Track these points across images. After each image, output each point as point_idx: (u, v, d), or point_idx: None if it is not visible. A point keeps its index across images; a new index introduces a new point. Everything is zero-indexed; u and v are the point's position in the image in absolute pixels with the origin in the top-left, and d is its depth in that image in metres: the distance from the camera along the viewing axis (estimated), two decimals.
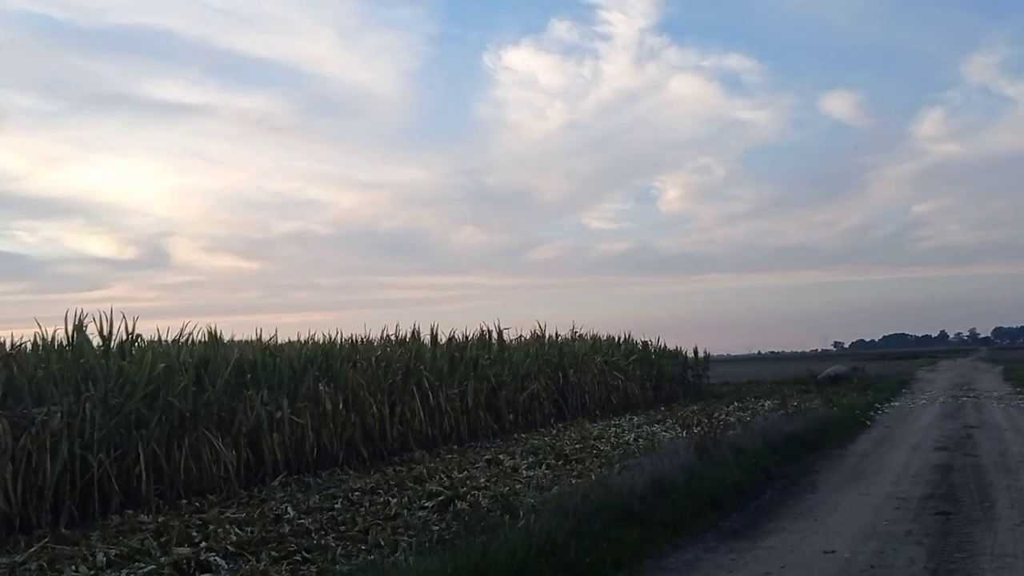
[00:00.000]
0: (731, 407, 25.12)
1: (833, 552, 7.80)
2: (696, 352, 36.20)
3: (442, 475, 12.86)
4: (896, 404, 26.40)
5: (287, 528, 9.08)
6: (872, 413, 22.46)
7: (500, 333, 22.38)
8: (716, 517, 9.58)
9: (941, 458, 13.90)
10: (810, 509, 10.07)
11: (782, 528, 9.03)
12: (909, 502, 10.24)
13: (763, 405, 25.25)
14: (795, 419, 17.72)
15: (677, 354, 34.83)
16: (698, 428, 16.11)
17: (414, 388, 17.30)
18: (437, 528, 8.73)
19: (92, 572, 7.36)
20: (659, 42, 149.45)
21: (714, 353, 41.37)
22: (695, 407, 26.33)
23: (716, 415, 19.10)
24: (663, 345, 33.80)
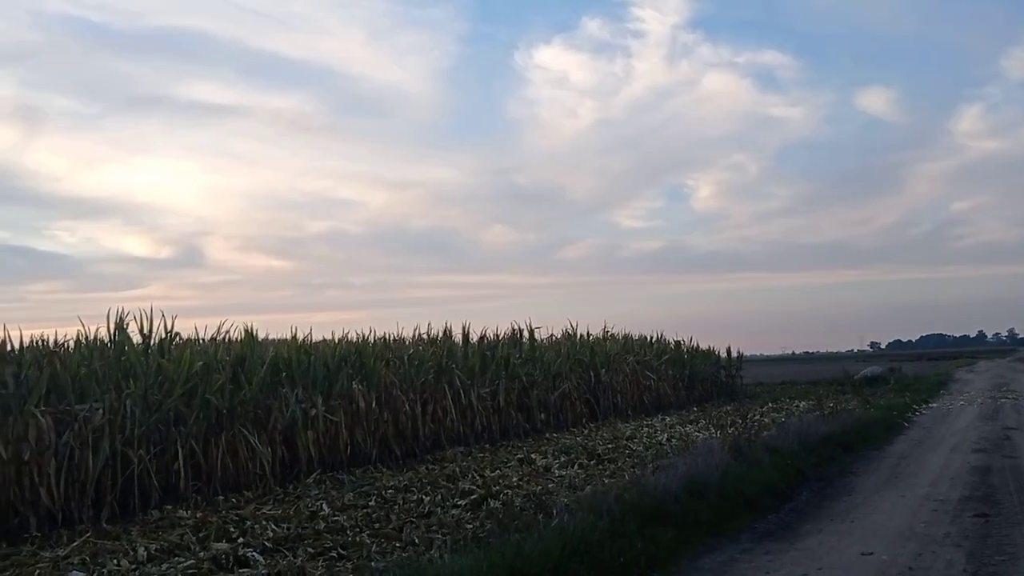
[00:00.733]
0: (765, 408, 24.90)
1: (871, 554, 7.72)
2: (729, 352, 35.92)
3: (474, 474, 12.90)
4: (934, 405, 26.03)
5: (322, 525, 9.16)
6: (909, 414, 22.18)
7: (531, 332, 22.39)
8: (752, 518, 9.52)
9: (980, 460, 13.69)
10: (847, 511, 9.96)
11: (819, 529, 8.95)
12: (947, 504, 10.10)
13: (798, 406, 24.99)
14: (831, 420, 17.53)
15: (710, 354, 34.57)
16: (732, 428, 16.03)
17: (446, 387, 17.38)
18: (471, 526, 8.76)
19: (133, 566, 7.47)
20: (692, 39, 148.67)
21: (747, 353, 40.97)
22: (729, 407, 26.15)
23: (750, 416, 19.00)
24: (696, 345, 33.59)
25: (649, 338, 30.61)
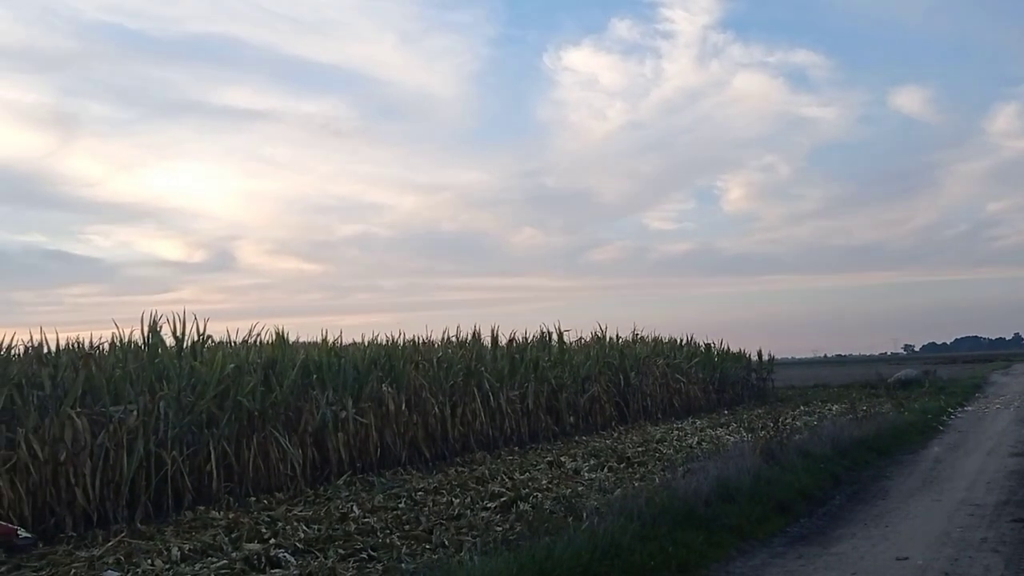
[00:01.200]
0: (797, 411, 24.67)
1: (906, 559, 7.61)
2: (760, 355, 35.57)
3: (504, 476, 12.89)
4: (969, 409, 25.62)
5: (353, 526, 9.20)
6: (944, 418, 21.85)
7: (560, 335, 22.35)
8: (784, 522, 9.43)
9: (1017, 464, 13.45)
10: (881, 515, 9.83)
11: (852, 534, 8.83)
12: (984, 508, 9.93)
13: (831, 409, 24.72)
14: (865, 424, 17.31)
15: (740, 357, 34.28)
16: (764, 432, 15.84)
17: (475, 389, 17.39)
18: (500, 529, 8.76)
19: (167, 566, 7.55)
20: (723, 39, 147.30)
21: (779, 356, 40.60)
22: (760, 411, 25.91)
23: (782, 419, 18.76)
24: (726, 347, 33.30)
25: (679, 341, 30.45)
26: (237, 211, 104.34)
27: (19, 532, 8.61)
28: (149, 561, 7.71)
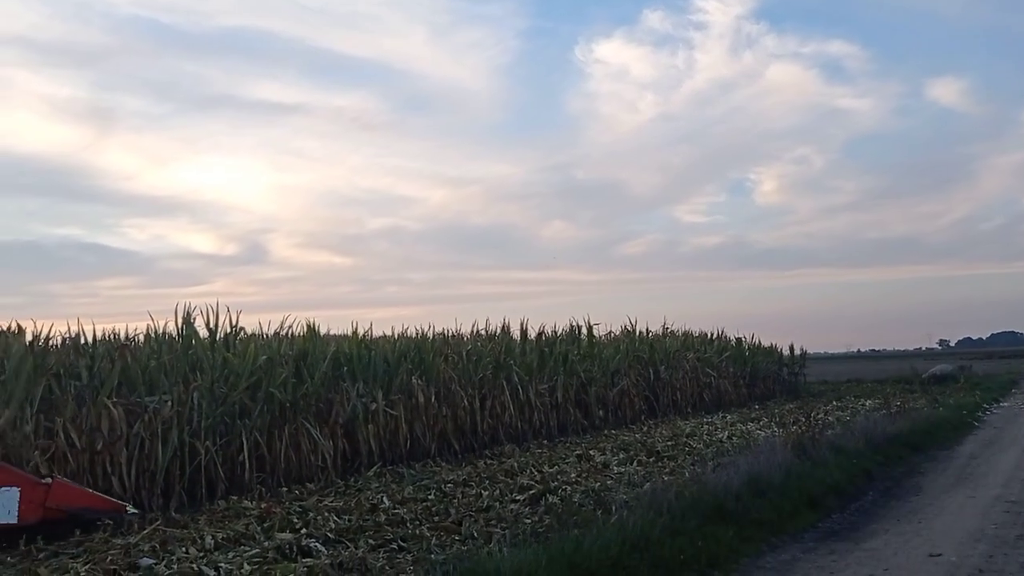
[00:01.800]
0: (830, 406, 24.43)
1: (939, 555, 7.51)
2: (792, 349, 35.33)
3: (533, 469, 12.90)
4: (1005, 404, 25.22)
5: (383, 517, 9.26)
6: (980, 414, 21.54)
7: (590, 328, 22.31)
8: (815, 517, 9.35)
9: None
10: (914, 511, 9.71)
11: (885, 530, 8.74)
12: (1019, 505, 9.78)
13: (864, 405, 24.45)
14: (898, 419, 17.11)
15: (772, 351, 34.02)
16: (795, 427, 15.74)
17: (504, 383, 17.42)
18: (529, 521, 8.77)
19: (201, 554, 7.66)
20: (756, 29, 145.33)
21: (811, 351, 40.14)
22: (791, 405, 25.71)
23: (814, 414, 18.62)
24: (757, 342, 33.08)
25: (709, 335, 30.30)
26: (269, 204, 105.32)
27: (127, 508, 9.34)
28: (183, 549, 7.82)
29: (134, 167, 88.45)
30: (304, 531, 8.53)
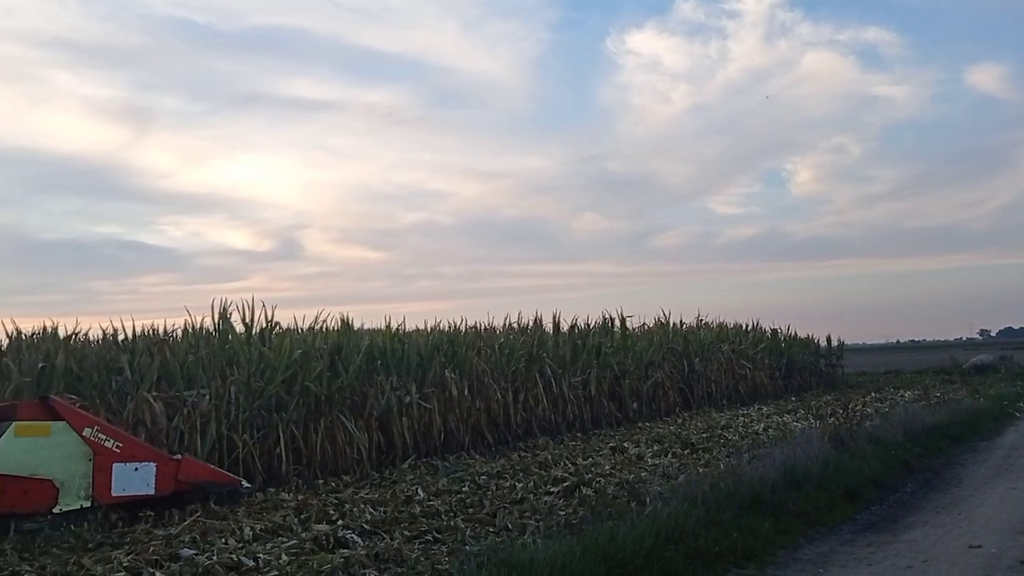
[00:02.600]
0: (868, 398, 24.11)
1: (979, 547, 7.40)
2: (829, 340, 34.90)
3: (566, 461, 12.91)
4: None
5: (418, 509, 9.32)
6: (1021, 404, 21.15)
7: (623, 321, 22.22)
8: (853, 509, 9.26)
9: None
10: (954, 503, 9.58)
11: (924, 522, 8.63)
12: None
13: (903, 396, 24.12)
14: (938, 410, 16.88)
15: (809, 342, 33.64)
16: (833, 418, 15.57)
17: (537, 375, 17.43)
18: (563, 513, 8.77)
19: (240, 545, 7.76)
20: (790, 17, 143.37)
21: (849, 342, 39.63)
22: (829, 397, 25.43)
23: (852, 405, 18.40)
24: (793, 333, 32.74)
25: (745, 326, 30.01)
26: (303, 200, 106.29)
27: (242, 483, 10.24)
28: (223, 540, 7.93)
29: (171, 165, 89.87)
30: (341, 523, 8.62)
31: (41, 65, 73.51)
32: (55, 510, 8.56)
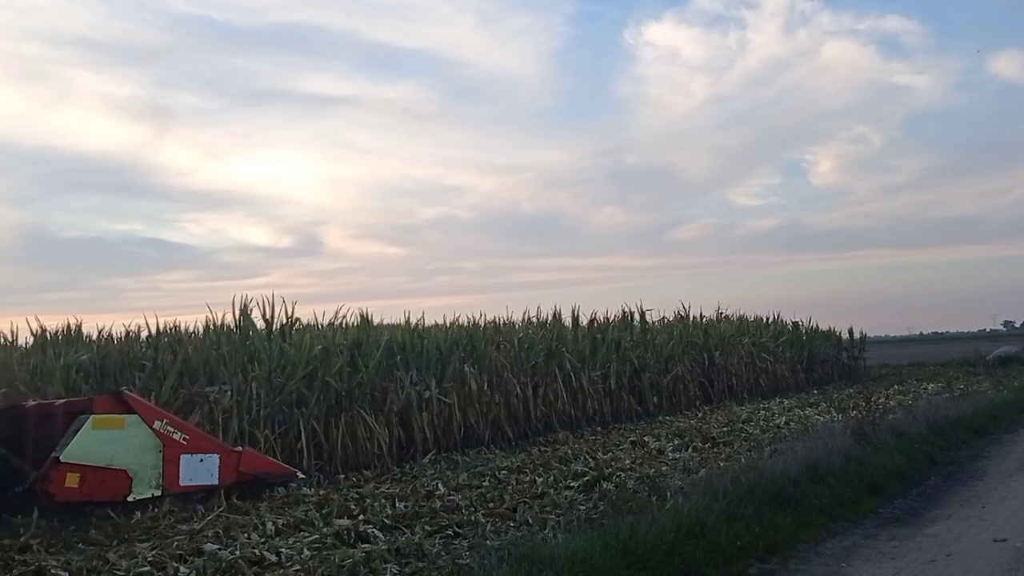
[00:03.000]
0: (890, 390, 23.92)
1: (1004, 541, 7.32)
2: (851, 333, 34.62)
3: (586, 456, 12.90)
4: None
5: (438, 504, 9.35)
6: None
7: (642, 314, 22.18)
8: (876, 503, 9.19)
9: None
10: (978, 496, 9.48)
11: (948, 515, 8.55)
12: None
13: (926, 388, 23.90)
14: (962, 403, 16.71)
15: (830, 335, 33.41)
16: (855, 412, 15.45)
17: (556, 370, 17.43)
18: (584, 507, 8.77)
19: (262, 540, 7.82)
20: (810, 7, 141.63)
21: (871, 334, 39.34)
22: (851, 390, 25.21)
23: (874, 398, 18.26)
24: (815, 326, 32.51)
25: (765, 319, 29.87)
26: (322, 196, 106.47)
27: (297, 473, 10.83)
28: (246, 535, 7.99)
29: (191, 163, 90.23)
30: (362, 517, 8.66)
31: (62, 64, 74.18)
32: (129, 498, 8.98)
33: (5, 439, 9.34)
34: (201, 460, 9.58)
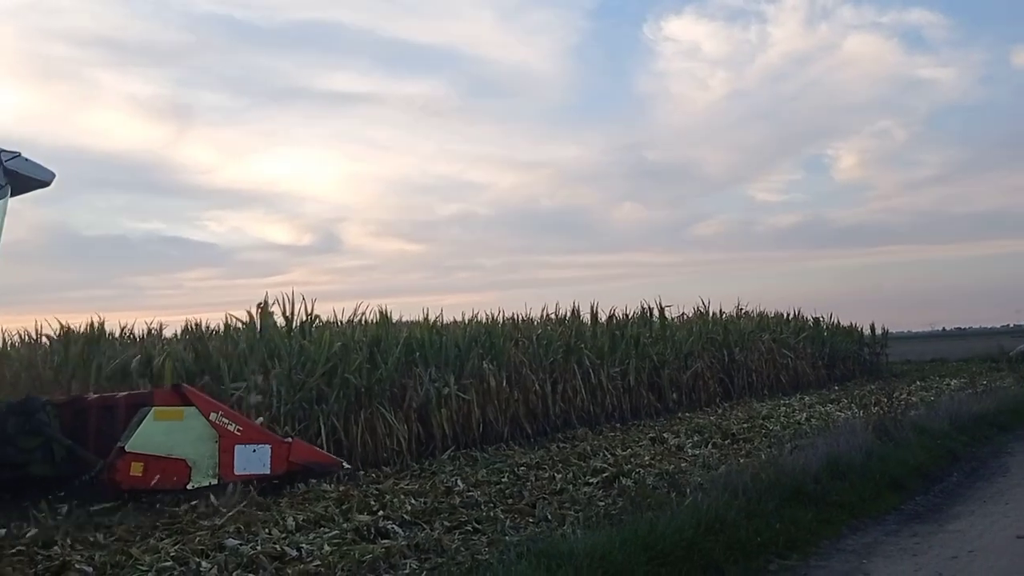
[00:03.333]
0: (913, 386, 23.74)
1: None
2: (873, 329, 34.35)
3: (605, 452, 12.89)
4: None
5: (458, 500, 9.37)
6: None
7: (662, 311, 22.10)
8: (898, 499, 9.13)
9: None
10: (1001, 492, 9.41)
11: (970, 512, 8.49)
12: None
13: (948, 384, 23.69)
14: (985, 398, 16.56)
15: (852, 331, 33.17)
16: (876, 408, 15.33)
17: (575, 366, 17.41)
18: (603, 503, 8.76)
19: (283, 535, 7.87)
20: (832, 0, 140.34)
21: (893, 330, 38.87)
22: (873, 386, 25.04)
23: (896, 394, 18.13)
24: (836, 322, 32.26)
25: (786, 315, 29.65)
26: (342, 194, 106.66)
27: (343, 464, 11.16)
28: (267, 530, 8.04)
29: (212, 161, 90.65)
30: (381, 513, 8.69)
31: (86, 64, 74.86)
32: (188, 487, 9.34)
33: (68, 430, 9.69)
34: (254, 450, 9.92)
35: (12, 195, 9.30)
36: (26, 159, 9.25)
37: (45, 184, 9.63)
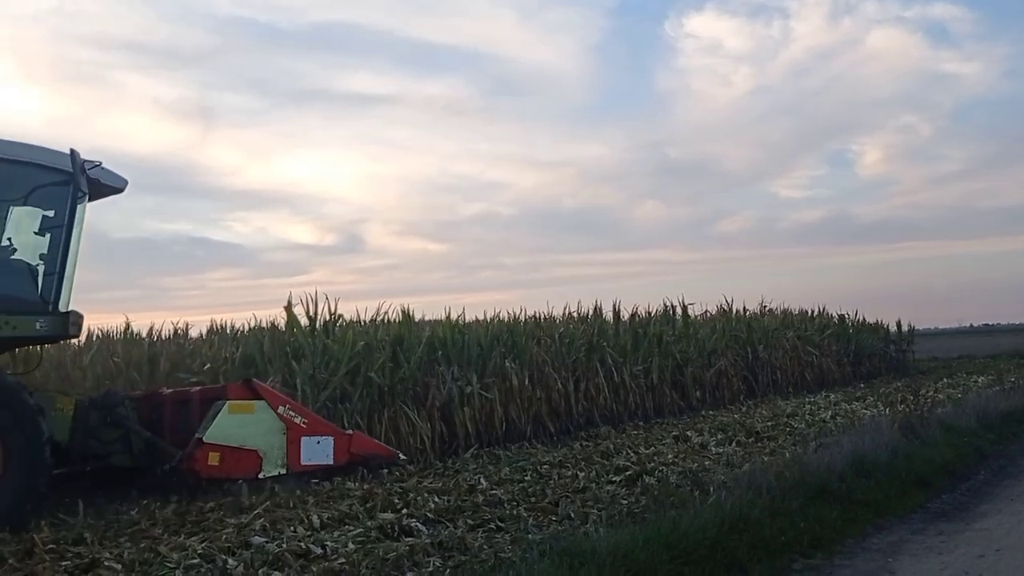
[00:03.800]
0: (939, 384, 23.47)
1: None
2: (899, 326, 34.02)
3: (629, 450, 12.87)
4: None
5: (481, 498, 9.39)
6: None
7: (684, 309, 22.04)
8: (924, 498, 9.05)
9: None
10: None
11: (998, 510, 8.40)
12: None
13: (976, 381, 23.41)
14: (1012, 395, 16.34)
15: (877, 328, 32.86)
16: (903, 405, 15.17)
17: (598, 364, 17.39)
18: (626, 502, 8.75)
19: (308, 533, 7.94)
20: None
21: (919, 327, 38.47)
22: (899, 384, 24.81)
23: (922, 392, 17.93)
24: (861, 319, 31.99)
25: (810, 312, 29.43)
26: (365, 194, 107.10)
27: (399, 455, 11.76)
28: (292, 528, 8.12)
29: (236, 162, 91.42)
30: (405, 511, 8.73)
31: (112, 67, 75.71)
32: (260, 476, 9.97)
33: (146, 423, 10.19)
34: (318, 442, 10.50)
35: (89, 201, 9.73)
36: (104, 168, 9.70)
37: (119, 190, 10.11)
